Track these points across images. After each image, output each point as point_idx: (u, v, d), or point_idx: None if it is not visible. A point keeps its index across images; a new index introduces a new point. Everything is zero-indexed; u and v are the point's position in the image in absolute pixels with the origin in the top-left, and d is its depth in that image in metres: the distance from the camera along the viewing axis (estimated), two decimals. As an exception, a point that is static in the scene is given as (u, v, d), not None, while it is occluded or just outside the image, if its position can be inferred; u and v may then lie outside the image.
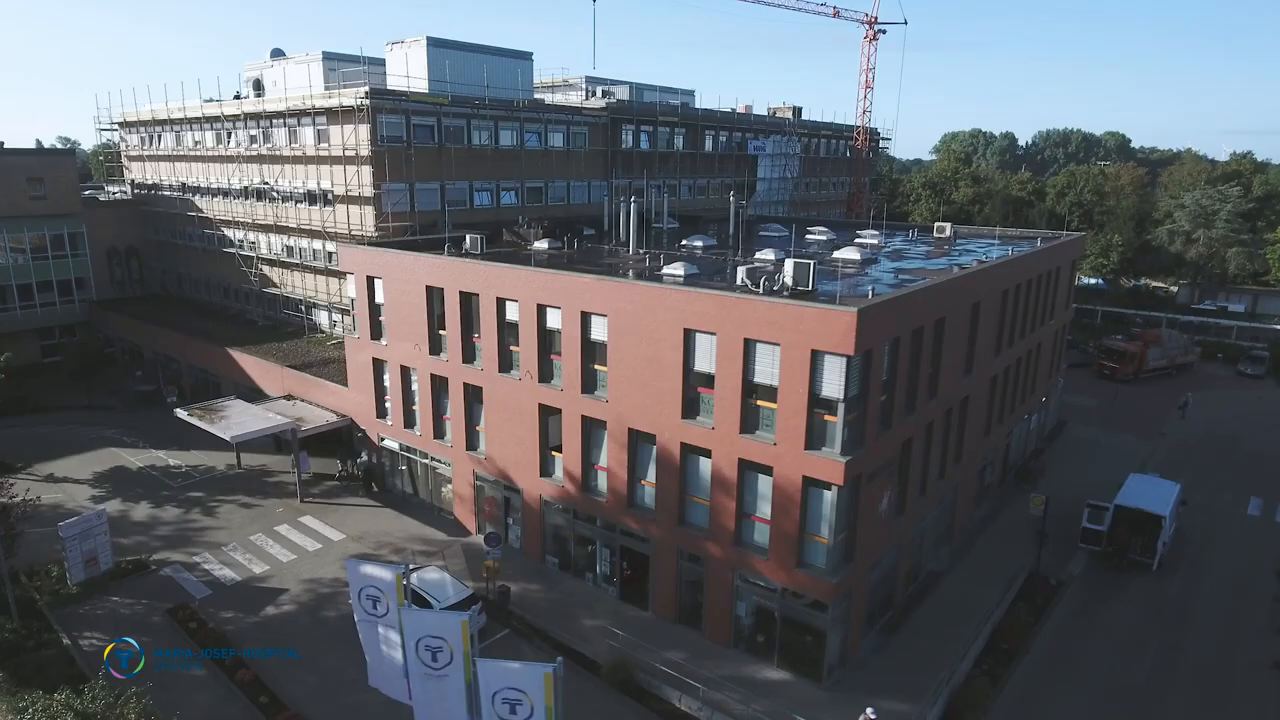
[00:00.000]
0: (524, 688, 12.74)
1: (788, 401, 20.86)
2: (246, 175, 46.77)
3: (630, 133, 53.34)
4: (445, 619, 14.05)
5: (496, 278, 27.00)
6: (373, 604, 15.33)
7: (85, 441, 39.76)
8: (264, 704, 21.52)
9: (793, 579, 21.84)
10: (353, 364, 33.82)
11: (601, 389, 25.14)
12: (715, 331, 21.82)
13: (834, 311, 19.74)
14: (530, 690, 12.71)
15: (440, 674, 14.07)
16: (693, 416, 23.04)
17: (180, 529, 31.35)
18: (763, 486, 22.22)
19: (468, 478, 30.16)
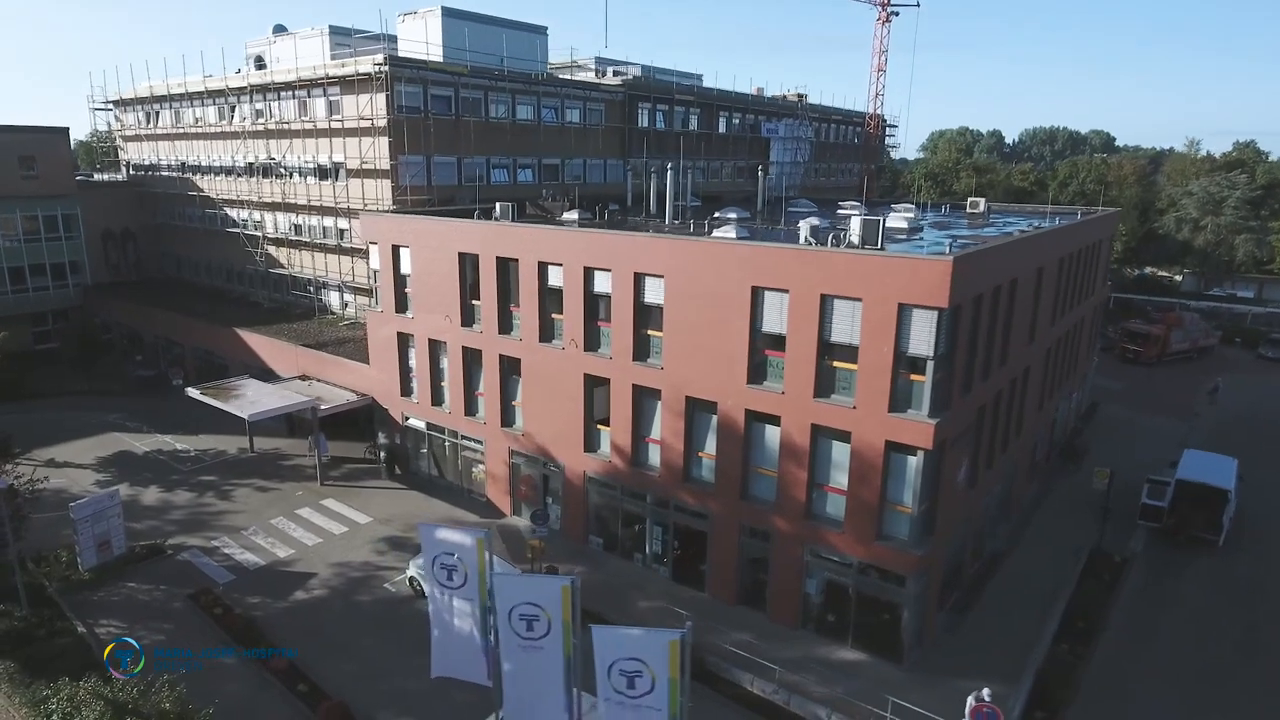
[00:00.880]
0: (645, 657, 11.24)
1: (869, 361, 19.47)
2: (251, 151, 44.89)
3: (646, 112, 51.93)
4: (544, 584, 12.54)
5: (539, 241, 25.44)
6: (448, 574, 13.76)
7: (86, 426, 37.79)
8: (303, 692, 19.89)
9: (871, 552, 20.44)
10: (375, 339, 32.12)
11: (655, 356, 23.65)
12: (788, 289, 20.39)
13: (926, 261, 18.37)
14: (652, 660, 11.21)
15: (535, 646, 12.54)
16: (759, 382, 21.60)
17: (194, 513, 29.56)
18: (838, 454, 20.82)
19: (502, 456, 28.57)
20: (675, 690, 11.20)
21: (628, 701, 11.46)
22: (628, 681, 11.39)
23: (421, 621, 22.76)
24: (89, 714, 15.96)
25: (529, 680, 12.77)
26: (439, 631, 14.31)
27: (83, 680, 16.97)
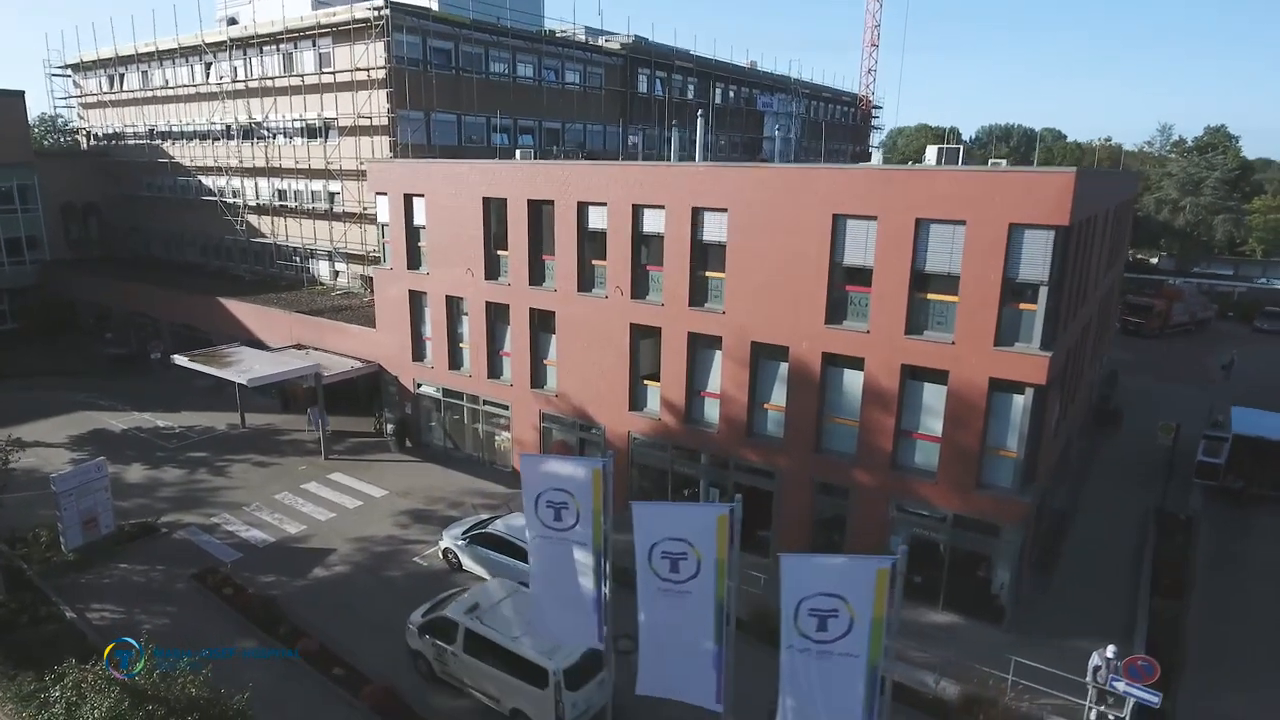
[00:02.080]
0: (845, 592, 9.21)
1: (973, 291, 17.68)
2: (230, 113, 41.76)
3: (645, 78, 49.98)
4: (695, 514, 10.43)
5: (579, 178, 23.21)
6: (555, 514, 11.56)
7: (54, 405, 34.45)
8: (340, 677, 17.42)
9: (969, 503, 18.66)
10: (383, 300, 29.52)
11: (715, 300, 21.61)
12: (876, 215, 18.51)
13: (1044, 175, 16.63)
14: (854, 595, 9.18)
15: (680, 590, 10.44)
16: (838, 321, 19.69)
17: (187, 490, 26.70)
18: (930, 397, 19.01)
19: (532, 421, 26.24)
20: (879, 632, 9.20)
21: (814, 648, 9.43)
22: (819, 623, 9.35)
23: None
24: (101, 702, 13.35)
25: (671, 632, 10.66)
26: (539, 587, 12.09)
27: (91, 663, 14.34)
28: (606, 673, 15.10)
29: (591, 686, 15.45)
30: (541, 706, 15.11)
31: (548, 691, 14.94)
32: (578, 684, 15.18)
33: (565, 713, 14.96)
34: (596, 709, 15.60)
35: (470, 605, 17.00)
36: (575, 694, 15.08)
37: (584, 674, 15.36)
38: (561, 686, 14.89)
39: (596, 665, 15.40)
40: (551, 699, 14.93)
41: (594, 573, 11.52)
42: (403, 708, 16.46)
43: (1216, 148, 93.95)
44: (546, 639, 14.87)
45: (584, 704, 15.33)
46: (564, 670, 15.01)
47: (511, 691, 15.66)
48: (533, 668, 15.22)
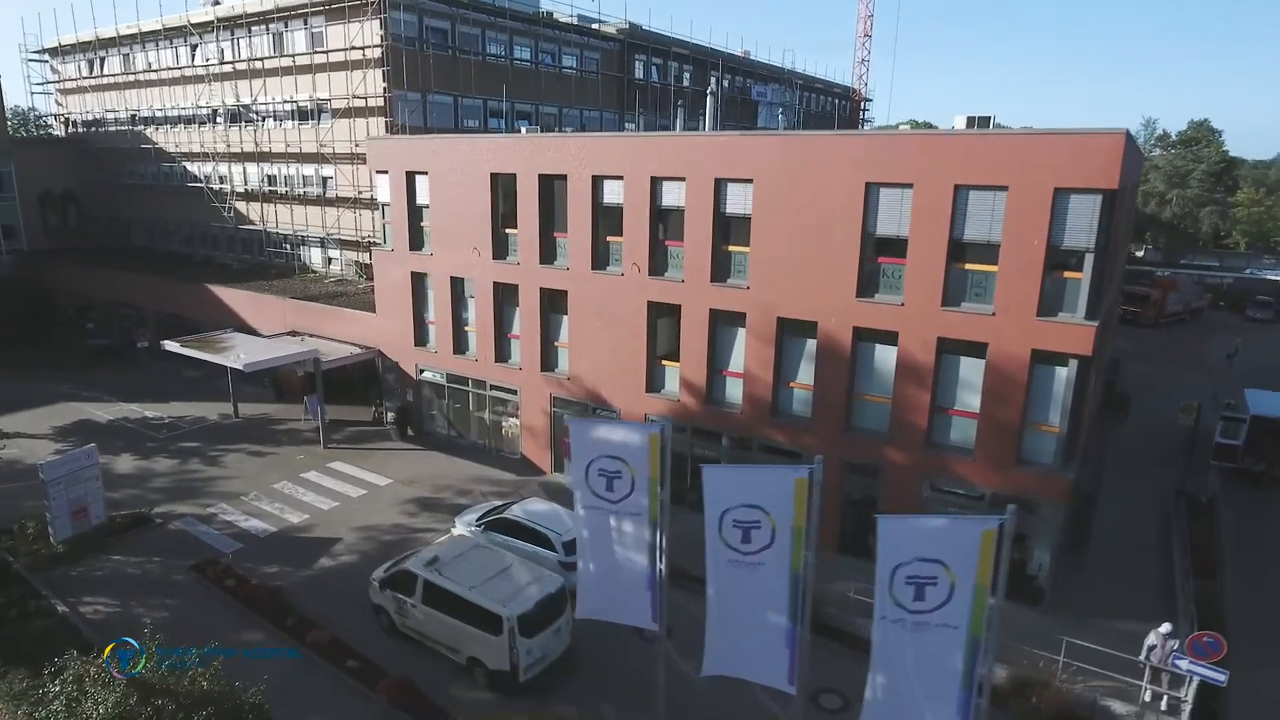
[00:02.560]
0: (947, 557, 8.47)
1: (1014, 260, 17.04)
2: (217, 96, 40.43)
3: (642, 64, 49.21)
4: (770, 477, 9.61)
5: (594, 151, 22.35)
6: (607, 484, 10.72)
7: (35, 397, 33.04)
8: (354, 669, 16.45)
9: (1009, 480, 18.02)
10: (383, 283, 28.49)
11: (738, 275, 20.85)
12: (911, 183, 17.82)
13: (1092, 136, 15.98)
14: (956, 559, 8.44)
15: (752, 562, 9.64)
16: (870, 295, 19.00)
17: (181, 480, 25.54)
18: (968, 371, 18.36)
19: (542, 405, 25.34)
20: (982, 599, 8.46)
21: (910, 619, 8.70)
22: (915, 592, 8.61)
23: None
24: (106, 697, 12.32)
25: (741, 608, 9.86)
26: (588, 563, 11.24)
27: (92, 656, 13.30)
28: (563, 622, 16.05)
29: (547, 634, 15.76)
30: (497, 653, 15.41)
31: (502, 638, 15.21)
32: (532, 631, 15.46)
33: (520, 659, 15.26)
34: (553, 658, 16.05)
35: (430, 558, 17.11)
36: (530, 641, 15.40)
37: (539, 622, 15.64)
38: (516, 633, 15.16)
39: (552, 614, 15.91)
40: (506, 645, 15.22)
41: (648, 547, 10.70)
42: (422, 700, 15.53)
43: (1200, 141, 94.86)
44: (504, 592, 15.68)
45: (539, 651, 15.65)
46: (518, 617, 15.22)
47: (468, 640, 15.90)
48: (488, 615, 15.41)
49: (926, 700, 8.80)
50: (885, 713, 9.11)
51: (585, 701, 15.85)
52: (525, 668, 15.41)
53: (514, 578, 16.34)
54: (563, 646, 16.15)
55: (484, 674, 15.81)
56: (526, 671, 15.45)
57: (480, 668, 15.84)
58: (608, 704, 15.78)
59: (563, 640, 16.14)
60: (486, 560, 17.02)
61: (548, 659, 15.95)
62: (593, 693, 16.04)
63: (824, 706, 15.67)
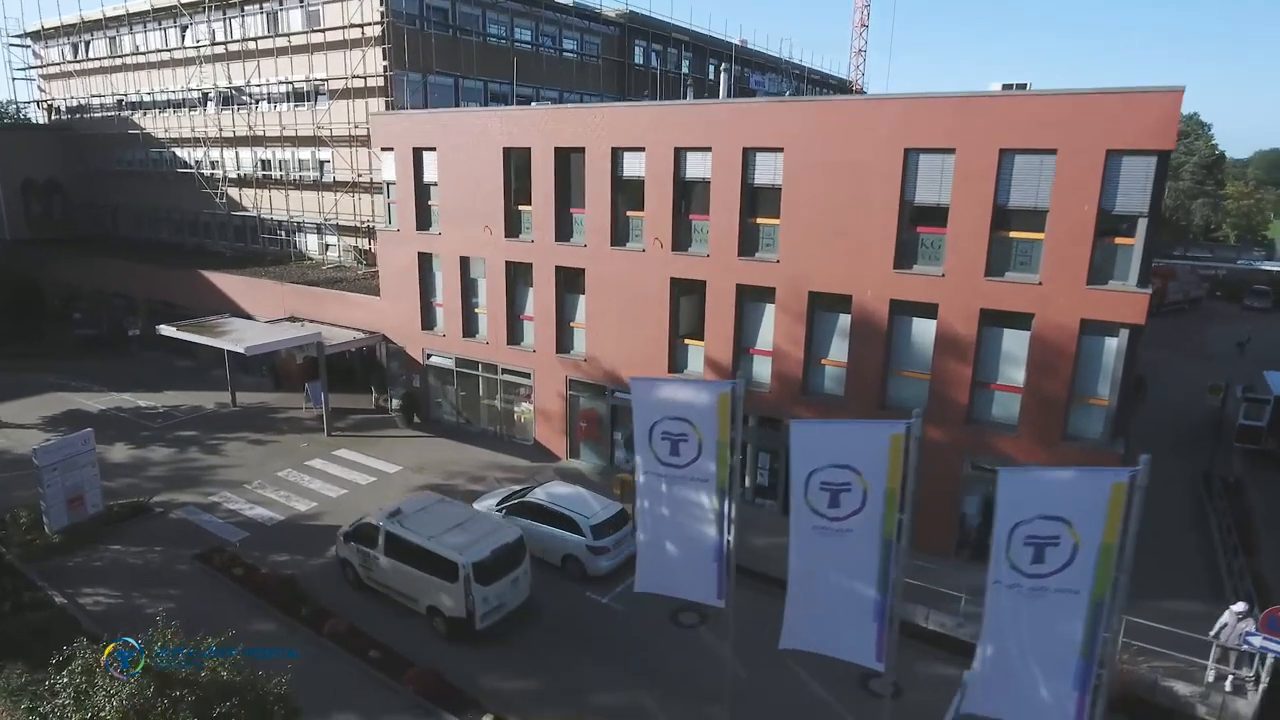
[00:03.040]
0: (1071, 515, 7.74)
1: (1062, 226, 16.40)
2: (209, 78, 39.20)
3: (642, 50, 48.46)
4: (864, 433, 8.88)
5: (614, 122, 21.54)
6: (671, 448, 9.93)
7: (22, 387, 31.79)
8: (376, 659, 15.55)
9: (1055, 456, 17.35)
10: (388, 265, 27.53)
11: (767, 248, 20.11)
12: (953, 148, 17.14)
13: (1148, 94, 15.35)
14: (1082, 518, 7.71)
15: (840, 528, 8.88)
16: (908, 266, 18.31)
17: (179, 469, 24.49)
18: (1011, 344, 17.71)
19: (557, 389, 24.49)
20: (1107, 560, 7.73)
21: (1026, 583, 7.97)
22: (1035, 554, 7.88)
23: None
24: (119, 689, 11.35)
25: (826, 579, 9.09)
26: (649, 533, 10.43)
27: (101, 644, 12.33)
28: (521, 572, 16.42)
29: (504, 584, 16.06)
30: (453, 600, 15.74)
31: (458, 585, 15.54)
32: (488, 579, 15.73)
33: (476, 606, 15.56)
34: (511, 607, 16.35)
35: (392, 511, 17.50)
36: (486, 588, 15.68)
37: (495, 571, 15.91)
38: (471, 579, 15.45)
39: (509, 563, 16.22)
40: (462, 592, 15.54)
41: (716, 516, 9.91)
42: (450, 690, 14.67)
43: (1190, 135, 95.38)
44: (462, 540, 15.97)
45: (495, 599, 15.94)
46: (473, 564, 15.50)
47: (427, 588, 16.26)
48: (445, 563, 15.72)
49: (1041, 672, 8.10)
50: (994, 687, 8.38)
51: (542, 652, 15.81)
52: (481, 615, 15.68)
53: (472, 529, 16.63)
54: (521, 597, 16.53)
55: (442, 622, 16.14)
56: (483, 619, 15.74)
57: (439, 616, 16.18)
58: (566, 655, 15.72)
59: (521, 591, 16.52)
60: (448, 513, 17.43)
61: (505, 608, 16.20)
62: (551, 643, 16.06)
63: (875, 692, 14.95)
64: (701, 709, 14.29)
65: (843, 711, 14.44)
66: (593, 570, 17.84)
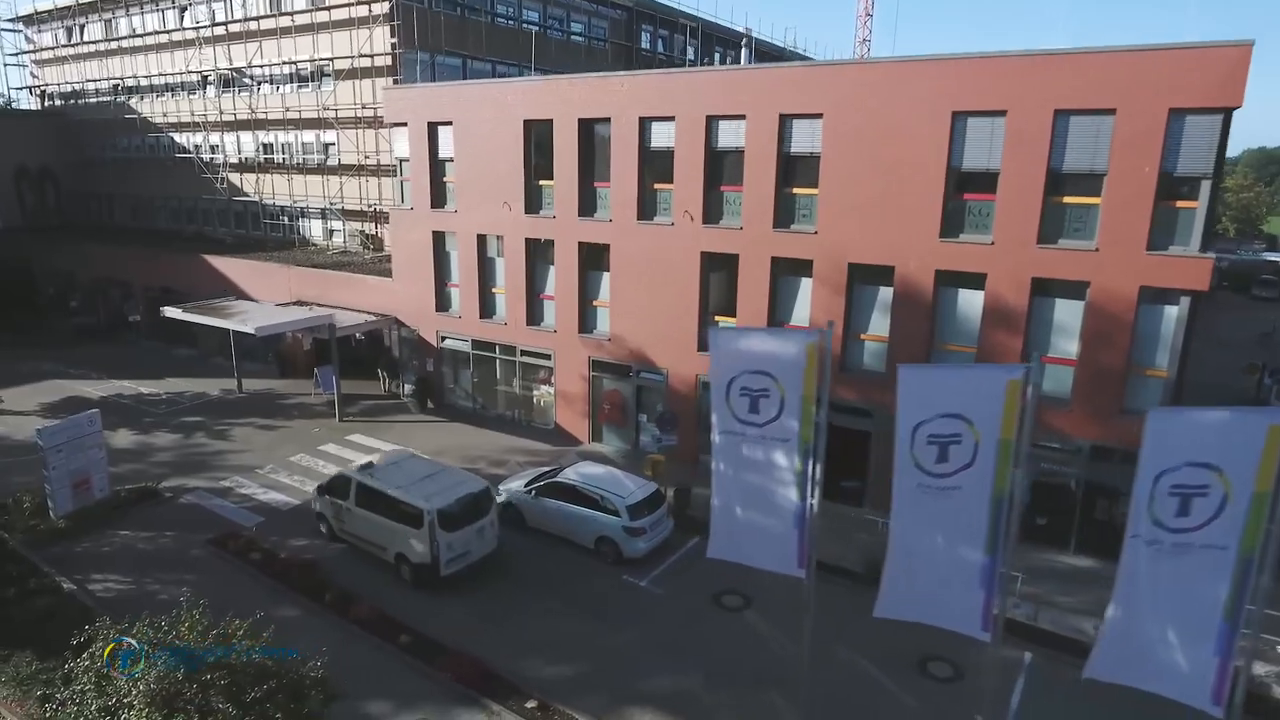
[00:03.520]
0: (1222, 461, 7.05)
1: (1121, 190, 15.75)
2: (208, 60, 38.22)
3: (648, 35, 47.69)
4: (978, 379, 8.18)
5: (642, 91, 20.80)
6: (750, 404, 9.19)
7: (19, 375, 30.77)
8: (407, 644, 14.76)
9: (1111, 431, 16.72)
10: (401, 245, 26.69)
11: (804, 220, 19.40)
12: (1005, 110, 16.47)
13: (1214, 49, 14.71)
14: (1233, 465, 7.03)
15: (947, 485, 8.16)
16: (955, 234, 17.63)
17: (187, 454, 23.60)
18: (1064, 314, 17.06)
19: (579, 370, 23.70)
20: (1260, 511, 7.05)
21: (1169, 539, 7.27)
22: (1181, 505, 7.19)
23: (534, 552, 18.02)
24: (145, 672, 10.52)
25: (929, 541, 8.36)
26: (724, 498, 9.68)
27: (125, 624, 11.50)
28: (487, 523, 16.70)
29: (469, 532, 16.34)
30: (419, 547, 16.06)
31: (423, 531, 15.86)
32: (452, 526, 16.04)
33: (440, 552, 15.88)
34: (477, 556, 16.62)
35: (364, 465, 18.01)
36: (451, 535, 16.01)
37: (460, 519, 16.23)
38: (435, 526, 15.77)
39: (475, 513, 16.53)
40: (427, 538, 15.85)
41: (798, 479, 9.18)
42: (489, 675, 13.89)
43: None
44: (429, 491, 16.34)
45: (460, 546, 16.24)
46: (438, 511, 15.82)
47: (394, 536, 16.61)
48: (411, 511, 16.07)
49: (1178, 637, 7.42)
50: (1123, 654, 7.71)
51: (583, 638, 15.10)
52: (446, 561, 16.01)
53: (440, 480, 16.99)
54: (488, 548, 16.83)
55: (409, 569, 16.49)
56: (447, 566, 16.07)
57: (406, 564, 16.53)
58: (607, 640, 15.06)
59: (487, 542, 16.81)
60: (418, 467, 17.82)
61: (471, 557, 16.46)
62: (591, 629, 15.40)
63: (934, 675, 14.25)
64: (754, 695, 13.58)
65: (901, 695, 13.73)
66: (629, 552, 17.08)
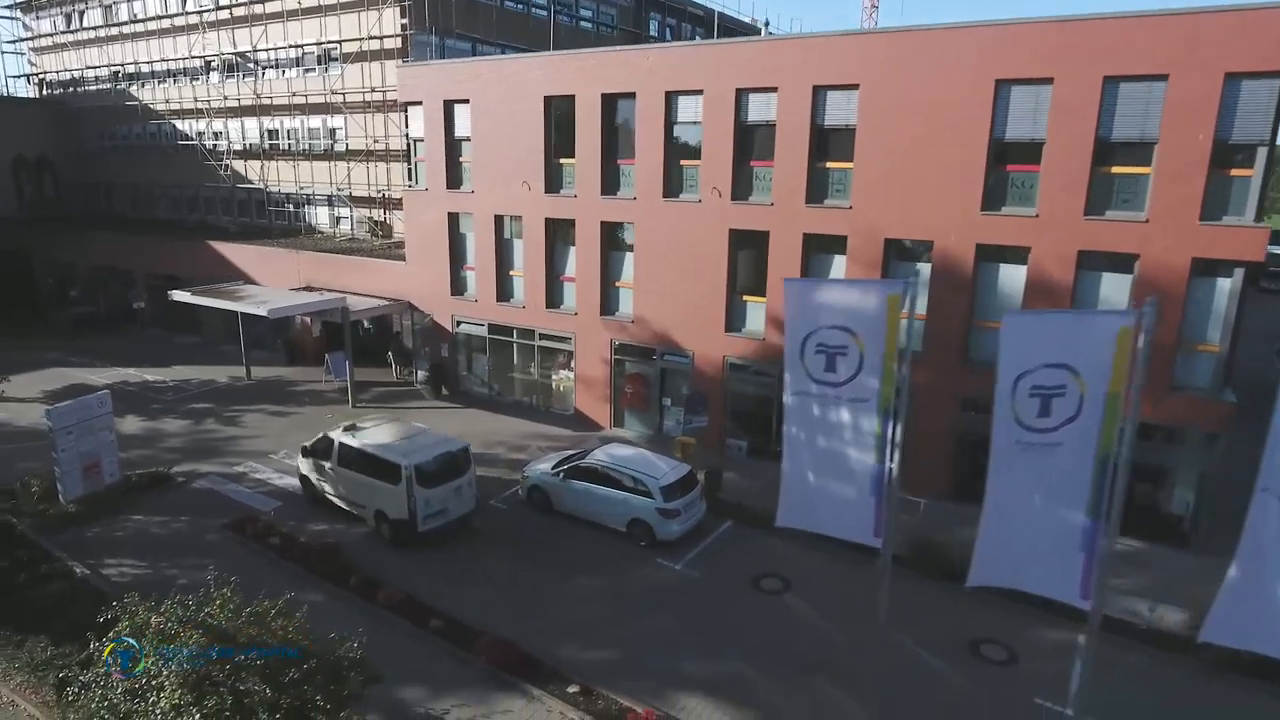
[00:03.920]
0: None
1: (1173, 158, 15.29)
2: (211, 45, 37.54)
3: (656, 23, 47.21)
4: (1089, 326, 7.62)
5: (668, 64, 20.28)
6: (827, 362, 8.65)
7: (20, 363, 30.01)
8: (438, 629, 14.19)
9: (1159, 409, 16.22)
10: (415, 227, 26.11)
11: (838, 194, 18.89)
12: (1051, 77, 15.99)
13: (1271, 10, 14.25)
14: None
15: (1049, 442, 7.64)
16: (997, 207, 17.14)
17: (197, 440, 22.99)
18: (1110, 288, 16.60)
19: (601, 354, 23.16)
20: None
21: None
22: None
23: (562, 535, 17.47)
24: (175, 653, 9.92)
25: (1027, 502, 7.84)
26: (794, 462, 9.14)
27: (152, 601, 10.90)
28: (465, 483, 17.00)
29: (447, 489, 16.63)
30: (397, 503, 16.37)
31: (401, 487, 16.18)
32: (430, 483, 16.34)
33: (418, 508, 16.18)
34: (455, 515, 16.90)
35: (348, 426, 18.41)
36: (428, 491, 16.31)
37: (438, 476, 16.54)
38: (413, 481, 16.08)
39: (453, 471, 16.82)
40: (404, 494, 16.16)
41: (877, 441, 8.65)
42: (526, 659, 13.34)
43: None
44: None
45: (438, 503, 16.53)
46: (415, 467, 16.13)
47: (373, 493, 16.96)
48: (390, 467, 16.40)
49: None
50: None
51: (619, 621, 14.68)
52: (423, 517, 16.28)
53: (419, 440, 17.34)
54: (465, 508, 17.10)
55: (388, 526, 16.80)
56: (425, 522, 16.33)
57: (385, 521, 16.84)
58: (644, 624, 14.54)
59: (465, 501, 17.07)
60: (399, 429, 18.20)
61: (448, 515, 16.71)
62: (627, 611, 14.99)
63: (988, 658, 13.75)
64: (804, 679, 13.06)
65: (956, 678, 13.22)
66: (663, 535, 16.54)
